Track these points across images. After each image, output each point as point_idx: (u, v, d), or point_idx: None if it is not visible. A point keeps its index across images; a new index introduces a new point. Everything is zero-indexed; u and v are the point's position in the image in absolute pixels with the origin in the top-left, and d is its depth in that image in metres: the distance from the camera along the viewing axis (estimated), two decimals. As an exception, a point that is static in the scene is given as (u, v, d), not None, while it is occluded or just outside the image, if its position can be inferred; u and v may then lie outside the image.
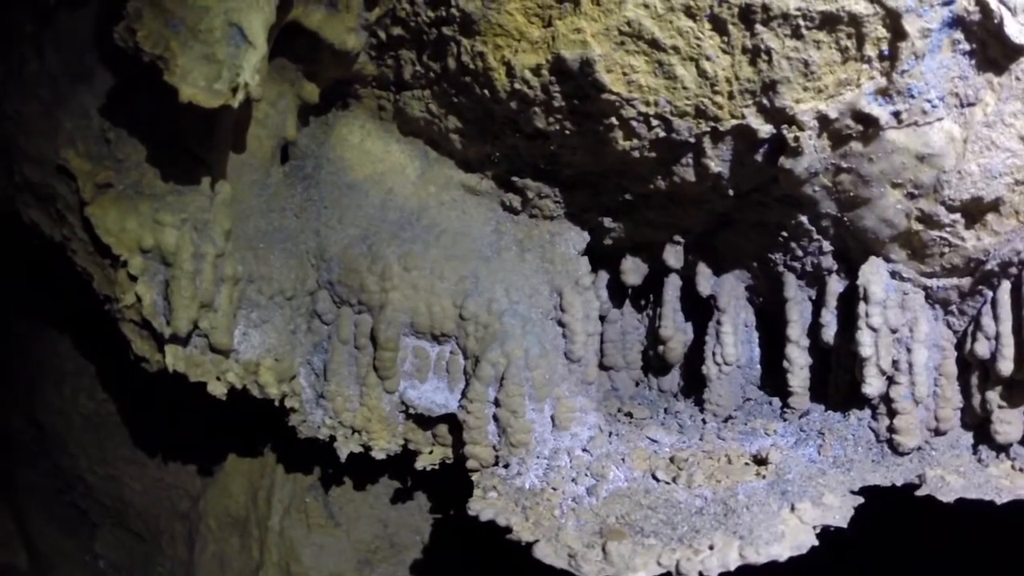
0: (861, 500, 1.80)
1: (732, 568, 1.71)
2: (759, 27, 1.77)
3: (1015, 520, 1.87)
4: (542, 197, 2.47)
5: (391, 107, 2.51)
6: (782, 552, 1.71)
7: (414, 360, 2.52)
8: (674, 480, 1.98)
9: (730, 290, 2.37)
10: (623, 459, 2.13)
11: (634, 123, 2.07)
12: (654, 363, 2.62)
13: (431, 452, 2.51)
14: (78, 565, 3.32)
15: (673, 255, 2.41)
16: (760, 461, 2.00)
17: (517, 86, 2.12)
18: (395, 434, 2.51)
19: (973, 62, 1.63)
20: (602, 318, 2.66)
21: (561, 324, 2.47)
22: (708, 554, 1.74)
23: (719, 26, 1.80)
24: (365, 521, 3.04)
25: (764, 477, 1.92)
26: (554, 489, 2.05)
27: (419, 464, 2.48)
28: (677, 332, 2.50)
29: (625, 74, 1.98)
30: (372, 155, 2.62)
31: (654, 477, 2.02)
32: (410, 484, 3.04)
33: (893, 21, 1.64)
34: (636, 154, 2.15)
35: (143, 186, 2.25)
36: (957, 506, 1.79)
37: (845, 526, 1.75)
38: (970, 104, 1.67)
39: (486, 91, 2.20)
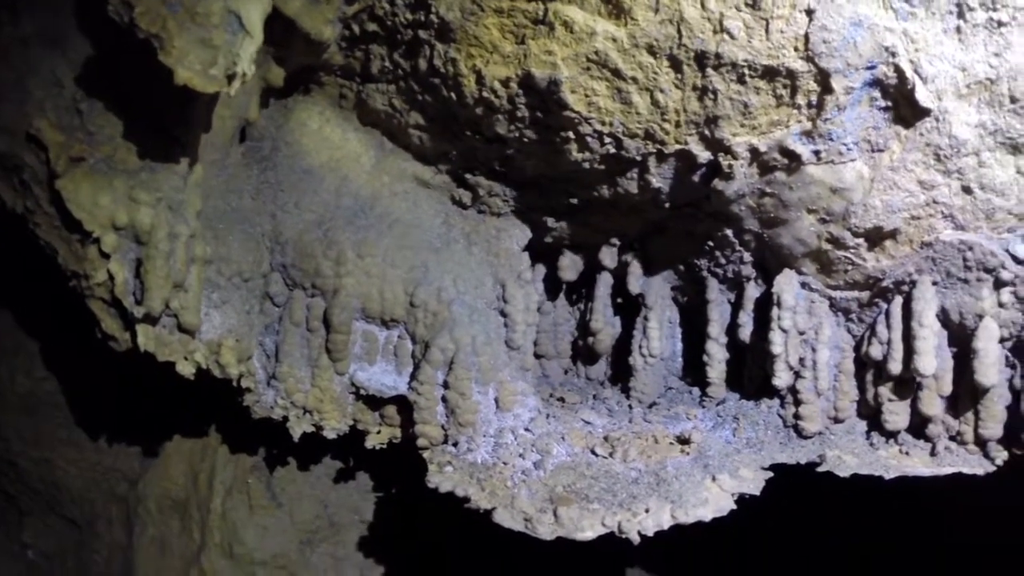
0: (771, 475, 2.12)
1: (666, 527, 2.00)
2: (710, 71, 2.00)
3: (900, 493, 2.26)
4: (492, 195, 2.62)
5: (353, 97, 2.56)
6: (706, 514, 2.01)
7: (364, 343, 2.61)
8: (611, 455, 2.23)
9: (657, 290, 2.63)
10: (563, 437, 2.35)
11: (589, 139, 2.26)
12: (583, 353, 2.85)
13: (379, 432, 2.62)
14: (5, 555, 3.16)
15: (609, 256, 2.64)
16: (683, 441, 2.28)
17: (485, 94, 2.26)
18: (345, 414, 2.60)
19: (886, 116, 1.93)
20: (537, 310, 2.87)
21: (503, 314, 2.65)
22: (645, 516, 2.00)
23: (676, 65, 2.02)
24: (306, 502, 3.10)
25: (688, 454, 2.20)
26: (504, 463, 2.25)
27: (369, 443, 2.59)
28: (606, 325, 2.74)
29: (587, 96, 2.17)
30: (329, 142, 2.66)
31: (593, 452, 2.26)
32: (352, 464, 3.12)
33: (823, 78, 1.91)
34: (587, 165, 2.34)
35: (115, 161, 2.19)
36: (852, 480, 2.14)
37: (758, 494, 2.06)
38: (879, 150, 1.98)
39: (453, 94, 2.32)
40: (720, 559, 3.37)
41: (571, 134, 2.26)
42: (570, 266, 2.72)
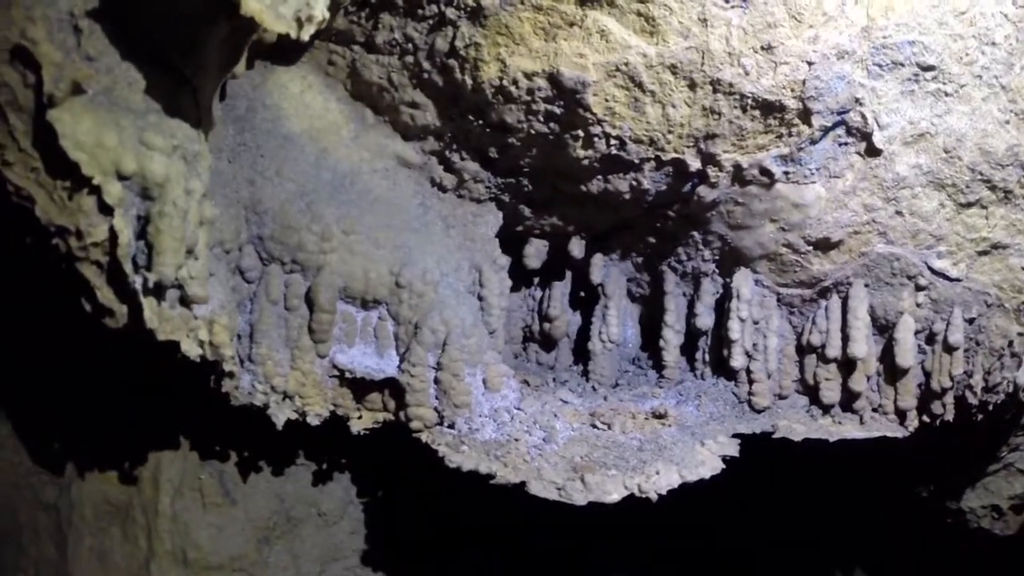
0: (739, 441, 2.73)
1: (676, 486, 2.50)
2: (720, 96, 2.53)
3: (839, 452, 3.00)
4: (477, 181, 2.89)
5: (345, 65, 2.67)
6: (705, 472, 2.55)
7: (343, 324, 2.72)
8: (610, 428, 2.67)
9: (616, 280, 3.14)
10: (555, 415, 2.73)
11: (596, 139, 2.66)
12: (540, 339, 3.25)
13: (360, 417, 2.74)
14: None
15: (578, 247, 3.07)
16: (659, 416, 2.80)
17: (505, 83, 2.55)
18: (326, 399, 2.68)
19: (845, 151, 2.62)
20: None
21: (479, 298, 2.94)
22: (657, 477, 2.48)
23: (692, 86, 2.51)
24: (261, 497, 3.06)
25: (671, 426, 2.72)
26: (516, 440, 2.56)
27: (354, 428, 2.71)
28: (563, 312, 3.20)
29: (606, 100, 2.57)
30: (311, 109, 2.72)
31: (594, 426, 2.68)
32: (326, 466, 3.13)
33: (806, 116, 2.53)
34: (585, 162, 2.74)
35: (116, 96, 1.98)
36: (803, 444, 2.83)
37: (737, 455, 2.66)
38: (836, 176, 2.67)
39: (468, 78, 2.57)
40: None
41: (580, 132, 2.64)
42: (535, 254, 3.10)
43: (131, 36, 2.05)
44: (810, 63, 2.47)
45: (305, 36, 1.96)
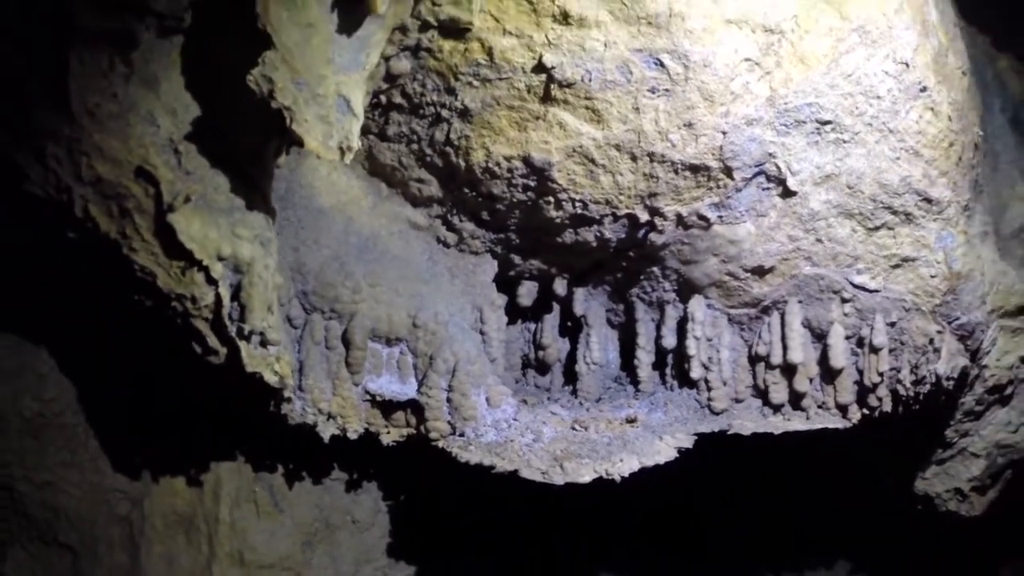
0: (696, 438, 3.65)
1: (636, 470, 3.37)
2: (655, 164, 3.37)
3: (784, 444, 3.86)
4: (474, 238, 3.83)
5: (362, 150, 3.59)
6: (660, 459, 3.41)
7: (371, 359, 3.77)
8: (587, 430, 3.66)
9: (596, 311, 4.00)
10: (544, 423, 3.73)
11: (564, 203, 3.54)
12: (535, 365, 4.19)
13: (388, 432, 3.79)
14: (-25, 591, 3.51)
15: (560, 286, 3.94)
16: (631, 420, 3.76)
17: (490, 164, 3.49)
18: (361, 419, 3.68)
19: (767, 194, 3.44)
20: (501, 330, 4.16)
21: (481, 333, 3.95)
22: (621, 464, 3.39)
23: (633, 158, 3.36)
24: (304, 506, 4.01)
25: (639, 427, 3.70)
26: (512, 441, 3.53)
27: (384, 441, 3.67)
28: (554, 341, 4.14)
29: (568, 174, 3.45)
30: (337, 186, 3.71)
31: (573, 429, 3.67)
32: (356, 476, 4.17)
33: (728, 172, 3.37)
34: (558, 220, 3.63)
35: (209, 200, 2.95)
36: (752, 438, 3.70)
37: (691, 447, 3.60)
38: (762, 215, 3.50)
39: (462, 161, 3.51)
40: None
41: (551, 198, 3.55)
42: (527, 294, 4.02)
43: (214, 153, 3.05)
44: (724, 132, 3.35)
45: (347, 160, 2.92)
